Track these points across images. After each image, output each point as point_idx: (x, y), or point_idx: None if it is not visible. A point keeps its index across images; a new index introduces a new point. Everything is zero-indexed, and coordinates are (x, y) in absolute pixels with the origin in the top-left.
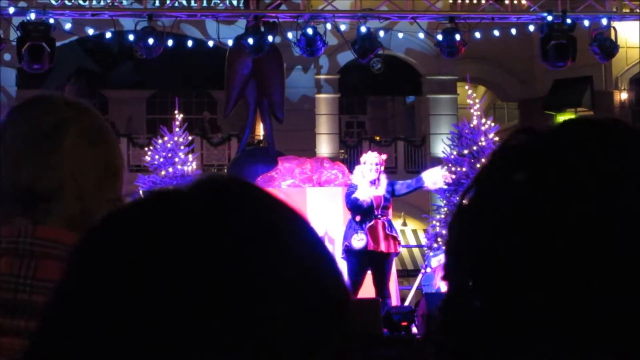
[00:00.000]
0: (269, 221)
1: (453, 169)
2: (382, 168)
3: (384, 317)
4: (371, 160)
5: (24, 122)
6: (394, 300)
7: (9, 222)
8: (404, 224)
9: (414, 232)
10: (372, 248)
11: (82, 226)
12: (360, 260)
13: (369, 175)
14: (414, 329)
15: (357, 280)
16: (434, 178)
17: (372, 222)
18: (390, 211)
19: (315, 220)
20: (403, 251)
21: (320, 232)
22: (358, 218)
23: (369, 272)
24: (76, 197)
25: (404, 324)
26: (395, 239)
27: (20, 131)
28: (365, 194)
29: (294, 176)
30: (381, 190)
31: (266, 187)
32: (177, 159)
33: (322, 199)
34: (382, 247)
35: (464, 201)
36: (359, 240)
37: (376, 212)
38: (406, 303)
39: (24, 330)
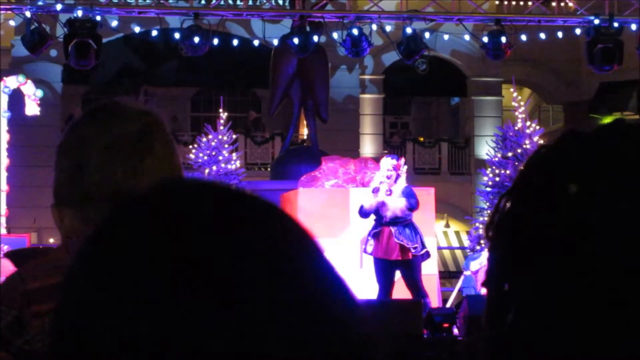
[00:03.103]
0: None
1: (497, 171)
2: (396, 173)
3: (426, 318)
4: (384, 166)
5: (110, 127)
6: (435, 302)
7: None
8: (447, 226)
9: (457, 233)
10: (377, 255)
11: None
12: (379, 264)
13: (374, 183)
14: (455, 331)
15: (383, 283)
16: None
17: (378, 229)
18: (408, 217)
19: (359, 220)
20: (445, 253)
21: (364, 233)
22: (373, 223)
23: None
24: None
25: (446, 325)
26: (402, 247)
27: (109, 137)
28: (368, 201)
29: (337, 176)
30: (392, 197)
31: (310, 187)
32: (221, 157)
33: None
34: (386, 254)
35: (506, 204)
36: (370, 246)
37: (384, 220)
38: (448, 304)
39: None
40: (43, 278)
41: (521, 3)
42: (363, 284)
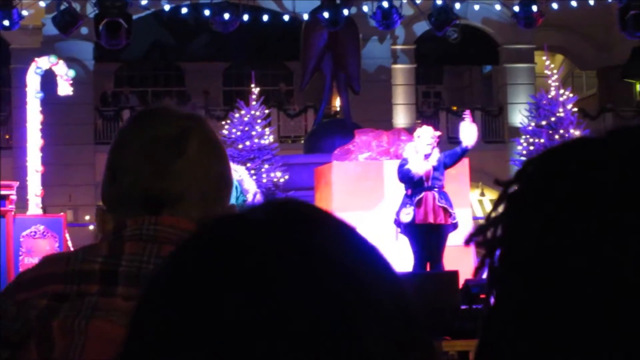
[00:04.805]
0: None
1: (531, 140)
2: (436, 144)
3: (462, 289)
4: (427, 135)
5: (147, 131)
6: (471, 273)
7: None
8: (482, 194)
9: (492, 202)
10: (420, 221)
11: None
12: (415, 233)
13: (423, 150)
14: (493, 301)
15: (424, 248)
16: (469, 134)
17: (421, 195)
18: (443, 182)
19: (393, 193)
20: (481, 222)
21: (397, 204)
22: (409, 192)
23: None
24: (199, 201)
25: (483, 296)
26: (446, 210)
27: (144, 140)
28: (419, 167)
29: (371, 149)
30: (432, 162)
31: (344, 160)
32: (254, 132)
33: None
34: (431, 218)
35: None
36: (406, 215)
37: (426, 184)
38: (484, 276)
39: None
40: (40, 269)
41: None
42: (399, 256)
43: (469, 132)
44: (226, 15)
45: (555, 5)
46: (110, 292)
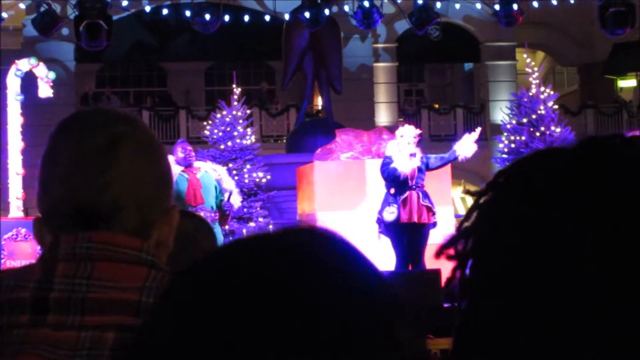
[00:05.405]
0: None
1: (512, 137)
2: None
3: (445, 288)
4: (410, 134)
5: (77, 140)
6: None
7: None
8: (465, 192)
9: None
10: (405, 220)
11: (141, 235)
12: (398, 232)
13: (407, 148)
14: None
15: (403, 253)
16: (467, 148)
17: (406, 194)
18: (424, 182)
19: (375, 192)
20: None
21: (379, 203)
22: (393, 191)
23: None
24: (136, 210)
25: None
26: (429, 209)
27: (73, 150)
28: (405, 166)
29: (352, 148)
30: (416, 162)
31: (326, 159)
32: (235, 133)
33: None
34: (415, 217)
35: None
36: (390, 213)
37: (410, 184)
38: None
39: (79, 325)
40: None
41: None
42: (382, 255)
43: (468, 146)
44: (207, 16)
45: (535, 4)
46: (41, 322)
